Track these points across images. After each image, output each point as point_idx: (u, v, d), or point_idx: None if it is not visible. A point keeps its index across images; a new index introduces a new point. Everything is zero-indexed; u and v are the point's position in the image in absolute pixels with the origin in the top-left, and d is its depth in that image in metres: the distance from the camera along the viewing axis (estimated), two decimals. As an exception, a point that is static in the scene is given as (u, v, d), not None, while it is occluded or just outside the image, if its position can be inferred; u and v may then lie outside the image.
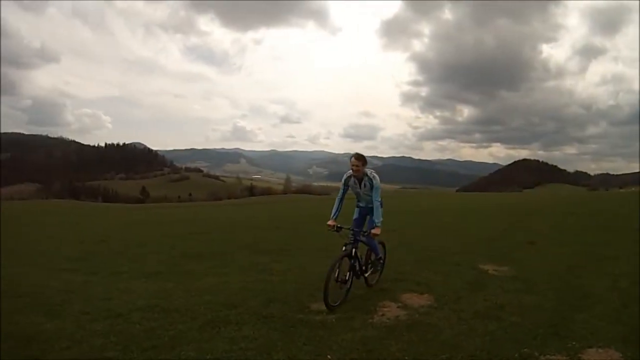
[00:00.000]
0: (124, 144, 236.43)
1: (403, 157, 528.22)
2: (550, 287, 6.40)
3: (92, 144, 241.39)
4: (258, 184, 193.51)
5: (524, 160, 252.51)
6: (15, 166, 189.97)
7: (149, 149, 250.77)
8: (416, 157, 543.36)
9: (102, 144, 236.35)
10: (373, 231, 5.87)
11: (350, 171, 6.09)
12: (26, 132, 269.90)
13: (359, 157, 5.99)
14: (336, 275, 5.59)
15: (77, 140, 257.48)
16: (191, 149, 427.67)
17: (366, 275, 6.38)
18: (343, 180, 6.26)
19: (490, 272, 7.48)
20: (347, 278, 5.81)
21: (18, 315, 5.39)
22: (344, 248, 5.87)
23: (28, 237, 16.57)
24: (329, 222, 6.08)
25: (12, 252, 11.71)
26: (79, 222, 24.74)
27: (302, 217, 22.70)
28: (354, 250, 5.89)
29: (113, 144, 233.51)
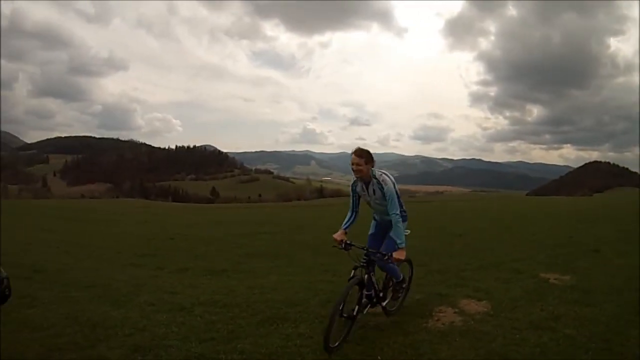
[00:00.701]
0: (194, 146, 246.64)
1: (473, 159, 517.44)
2: (607, 299, 6.07)
3: (162, 147, 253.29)
4: (328, 185, 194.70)
5: (595, 162, 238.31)
6: (86, 167, 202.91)
7: (219, 151, 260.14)
8: (486, 159, 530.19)
9: (173, 147, 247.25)
10: (395, 255, 4.64)
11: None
12: (97, 136, 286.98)
13: (360, 153, 4.72)
14: (340, 308, 4.37)
15: (147, 143, 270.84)
16: (261, 151, 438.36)
17: (384, 303, 5.19)
18: (351, 186, 5.08)
19: (551, 280, 7.25)
20: (354, 312, 4.58)
21: (87, 304, 5.88)
22: (352, 273, 4.65)
23: (100, 233, 17.73)
24: (336, 235, 4.88)
25: (85, 247, 12.61)
26: (148, 220, 26.14)
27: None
28: (367, 276, 4.73)
29: (183, 147, 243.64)
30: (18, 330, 4.73)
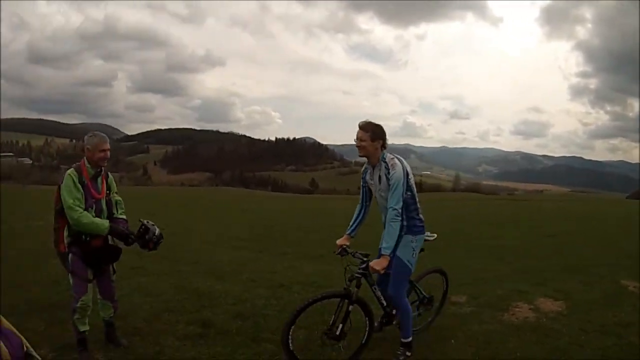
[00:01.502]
0: (294, 138, 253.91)
1: (574, 157, 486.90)
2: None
3: (262, 138, 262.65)
4: (427, 180, 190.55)
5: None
6: (186, 157, 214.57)
7: (318, 143, 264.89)
8: (587, 157, 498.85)
9: (273, 139, 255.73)
10: (371, 263, 3.79)
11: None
12: (197, 128, 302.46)
13: (365, 126, 3.91)
14: (330, 323, 3.91)
15: (247, 135, 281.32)
16: None
17: (395, 322, 4.34)
18: (362, 173, 4.33)
19: (630, 288, 7.01)
20: (338, 332, 3.87)
21: (194, 277, 6.65)
22: (347, 284, 3.89)
23: (203, 218, 19.00)
24: (338, 241, 4.21)
25: (189, 230, 13.67)
26: (249, 209, 27.59)
27: (468, 216, 22.72)
28: (357, 289, 3.89)
29: (283, 138, 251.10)
30: (131, 294, 5.48)
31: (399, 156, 3.94)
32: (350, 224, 4.29)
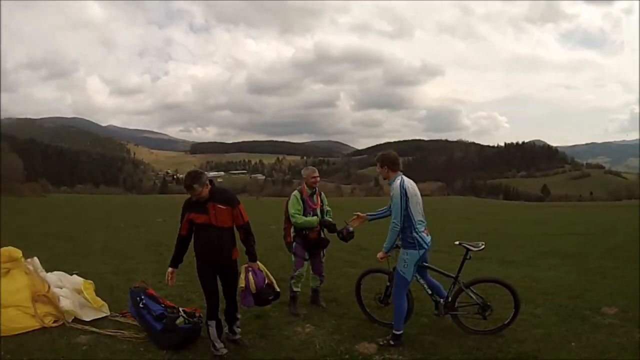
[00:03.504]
0: (523, 142, 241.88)
1: None
2: None
3: (491, 145, 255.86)
4: None
5: None
6: (417, 167, 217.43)
7: (548, 145, 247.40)
8: None
9: (502, 144, 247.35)
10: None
11: None
12: (425, 138, 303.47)
13: (376, 158, 5.25)
14: (384, 292, 5.68)
15: (476, 141, 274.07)
16: (592, 143, 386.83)
17: (437, 312, 5.47)
18: None
19: None
20: (381, 298, 5.75)
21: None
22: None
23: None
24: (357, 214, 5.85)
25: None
26: (471, 217, 29.21)
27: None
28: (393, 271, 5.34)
29: (512, 143, 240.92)
30: (338, 278, 7.97)
31: (405, 181, 4.86)
32: (375, 212, 5.60)
